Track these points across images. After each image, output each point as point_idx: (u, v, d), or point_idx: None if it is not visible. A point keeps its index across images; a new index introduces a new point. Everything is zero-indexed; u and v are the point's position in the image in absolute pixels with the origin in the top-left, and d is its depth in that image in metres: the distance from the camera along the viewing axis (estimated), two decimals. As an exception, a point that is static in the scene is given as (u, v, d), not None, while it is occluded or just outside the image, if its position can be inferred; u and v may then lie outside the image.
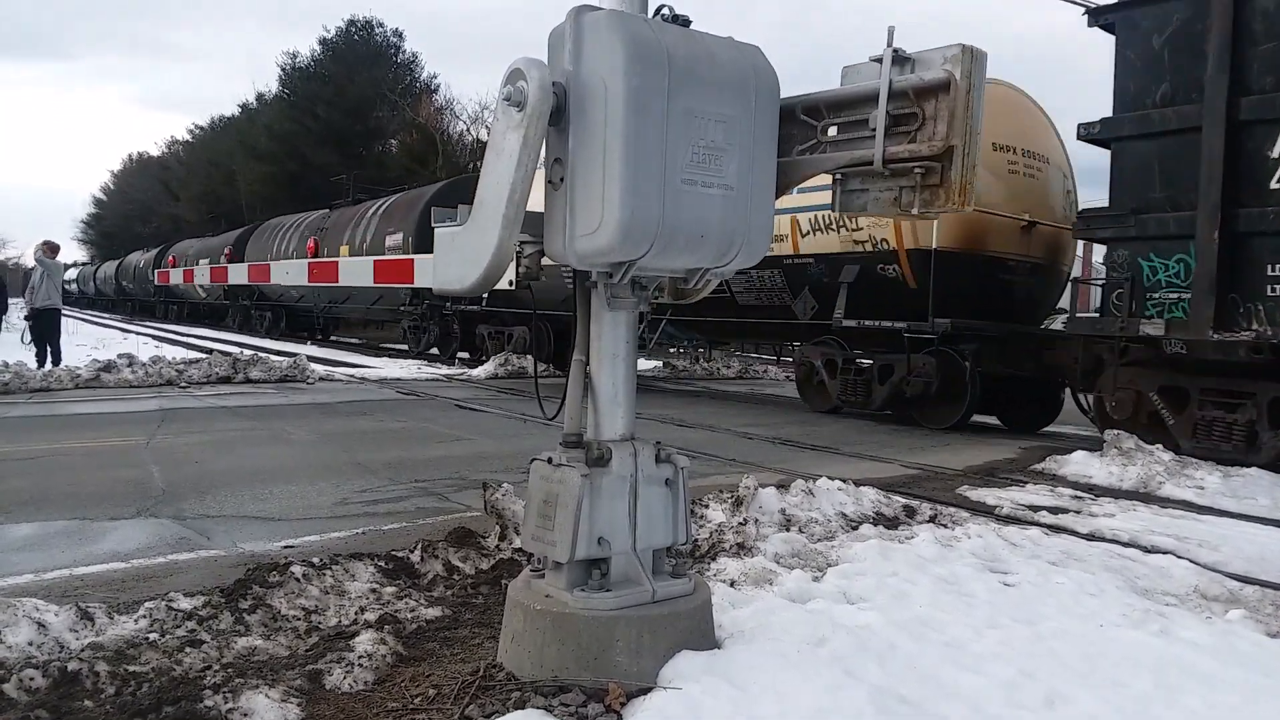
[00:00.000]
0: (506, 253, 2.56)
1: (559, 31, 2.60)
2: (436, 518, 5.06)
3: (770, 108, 2.79)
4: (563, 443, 2.88)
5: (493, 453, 7.42)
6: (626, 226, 2.49)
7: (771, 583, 3.81)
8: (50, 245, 13.91)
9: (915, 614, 3.42)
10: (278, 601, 3.40)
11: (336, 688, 2.76)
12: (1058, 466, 7.10)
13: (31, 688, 2.67)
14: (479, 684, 2.74)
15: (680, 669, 2.68)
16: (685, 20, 2.70)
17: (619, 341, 2.84)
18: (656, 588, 2.83)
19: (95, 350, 16.94)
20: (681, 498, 2.93)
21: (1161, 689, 2.86)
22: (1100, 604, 3.70)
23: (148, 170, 73.08)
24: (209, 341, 22.65)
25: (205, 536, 4.62)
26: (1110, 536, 4.94)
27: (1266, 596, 4.01)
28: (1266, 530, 5.26)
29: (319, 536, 4.65)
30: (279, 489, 5.78)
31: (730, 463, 7.15)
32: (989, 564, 4.22)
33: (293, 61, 45.01)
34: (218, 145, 53.73)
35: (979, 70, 2.67)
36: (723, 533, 4.53)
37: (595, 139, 2.50)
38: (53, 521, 4.83)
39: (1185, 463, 6.87)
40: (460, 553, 4.09)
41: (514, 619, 2.85)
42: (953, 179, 2.69)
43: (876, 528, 4.91)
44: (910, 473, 7.02)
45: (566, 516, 2.72)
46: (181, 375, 12.41)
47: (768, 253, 2.93)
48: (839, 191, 3.05)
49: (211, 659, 2.96)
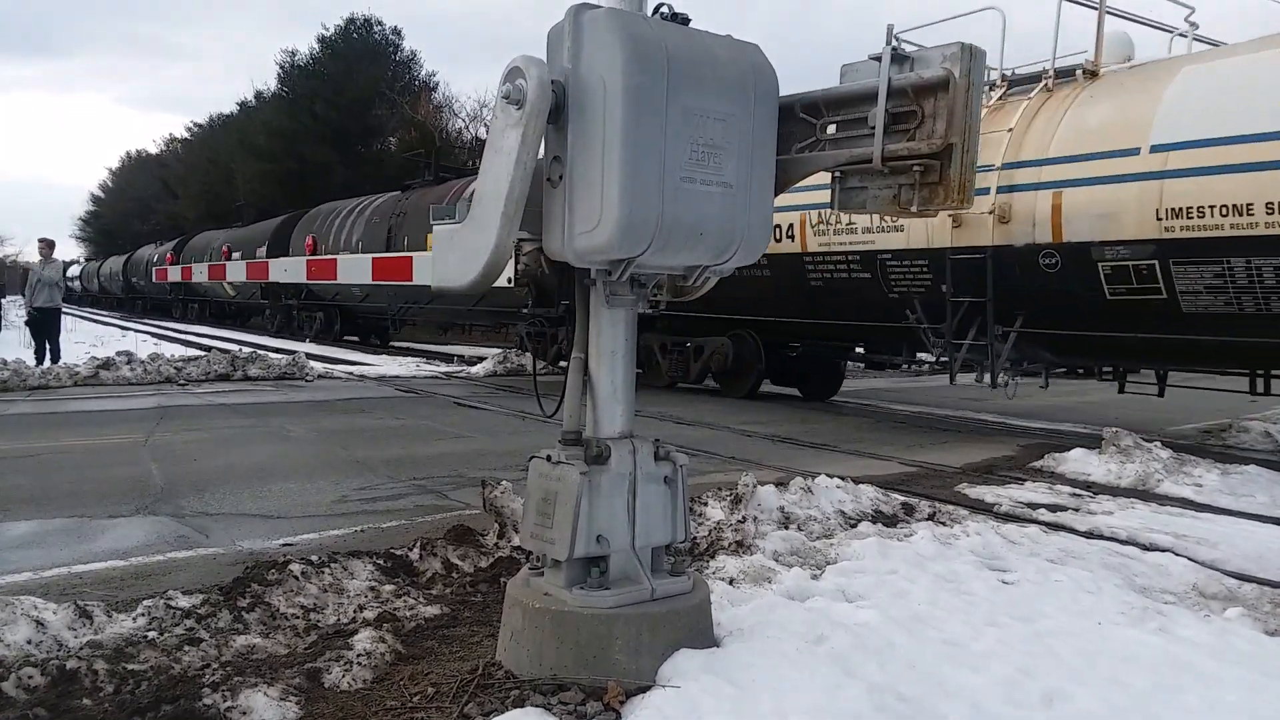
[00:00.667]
0: (505, 250, 2.56)
1: (558, 29, 2.59)
2: (435, 515, 5.06)
3: (769, 106, 2.79)
4: (562, 440, 2.88)
5: (491, 450, 7.42)
6: (625, 224, 2.49)
7: (770, 581, 3.81)
8: (47, 243, 13.90)
9: (914, 612, 3.42)
10: (276, 600, 3.40)
11: (335, 686, 2.76)
12: (1056, 464, 7.10)
13: (30, 686, 2.67)
14: (478, 682, 2.74)
15: (679, 667, 2.69)
16: (684, 18, 2.70)
17: (618, 339, 2.85)
18: (655, 586, 2.83)
19: (94, 348, 16.95)
20: (680, 495, 2.93)
21: (1160, 687, 2.86)
22: (1099, 602, 3.70)
23: (146, 168, 72.98)
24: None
25: (204, 534, 4.62)
26: (1109, 534, 4.94)
27: (1265, 594, 4.01)
28: (1265, 528, 5.26)
29: (318, 534, 4.65)
30: (278, 487, 5.77)
31: (729, 460, 7.15)
32: (988, 562, 4.22)
33: (291, 59, 44.93)
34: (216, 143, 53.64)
35: (978, 68, 2.67)
36: (721, 530, 4.53)
37: (594, 137, 2.50)
38: (51, 519, 4.83)
39: (1184, 460, 6.87)
40: (459, 551, 4.09)
41: (513, 617, 2.85)
42: (951, 176, 2.69)
43: (875, 525, 4.92)
44: (909, 470, 7.02)
45: (565, 514, 2.72)
46: (180, 373, 12.41)
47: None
48: (838, 189, 3.05)
49: (210, 657, 2.96)
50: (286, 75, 45.27)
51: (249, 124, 48.22)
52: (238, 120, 52.07)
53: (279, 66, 45.50)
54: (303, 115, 42.27)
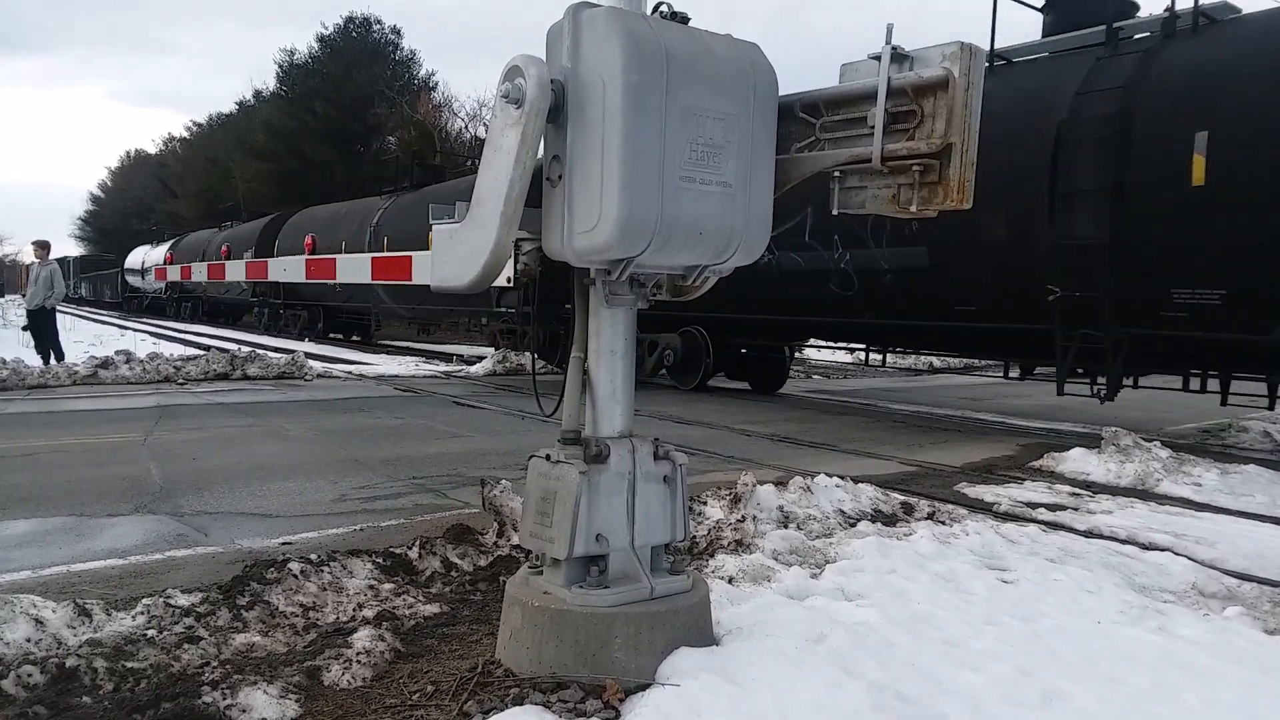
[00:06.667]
0: (505, 249, 2.56)
1: (557, 28, 2.59)
2: (434, 514, 5.06)
3: (769, 105, 2.79)
4: (561, 440, 2.88)
5: (491, 449, 7.42)
6: (625, 224, 2.49)
7: (770, 579, 3.81)
8: (42, 244, 13.89)
9: (913, 611, 3.42)
10: (276, 598, 3.40)
11: (335, 684, 2.77)
12: (1055, 463, 7.10)
13: (29, 684, 2.67)
14: (477, 680, 2.74)
15: (678, 665, 2.69)
16: (684, 17, 2.70)
17: (617, 338, 2.85)
18: (655, 584, 2.83)
19: (93, 347, 16.93)
20: (680, 495, 2.93)
21: (1159, 686, 2.86)
22: (1098, 601, 3.71)
23: (145, 167, 73.04)
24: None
25: (203, 533, 4.62)
26: (1108, 533, 4.95)
27: (1264, 593, 4.01)
28: (1264, 527, 5.26)
29: (317, 533, 4.65)
30: (277, 486, 5.77)
31: (728, 460, 7.15)
32: (987, 561, 4.22)
33: (290, 58, 44.94)
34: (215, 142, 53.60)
35: (977, 68, 2.67)
36: (721, 529, 4.53)
37: (593, 136, 2.50)
38: (50, 518, 4.83)
39: (1183, 459, 6.88)
40: (458, 549, 4.09)
41: (512, 615, 2.86)
42: (951, 176, 2.69)
43: (875, 525, 4.92)
44: (908, 470, 7.02)
45: (565, 513, 2.72)
46: (179, 372, 12.40)
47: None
48: (837, 189, 3.04)
49: (209, 655, 2.96)
50: (285, 74, 45.29)
51: (248, 123, 48.24)
52: (237, 119, 52.07)
53: (278, 65, 45.56)
54: (302, 114, 42.28)
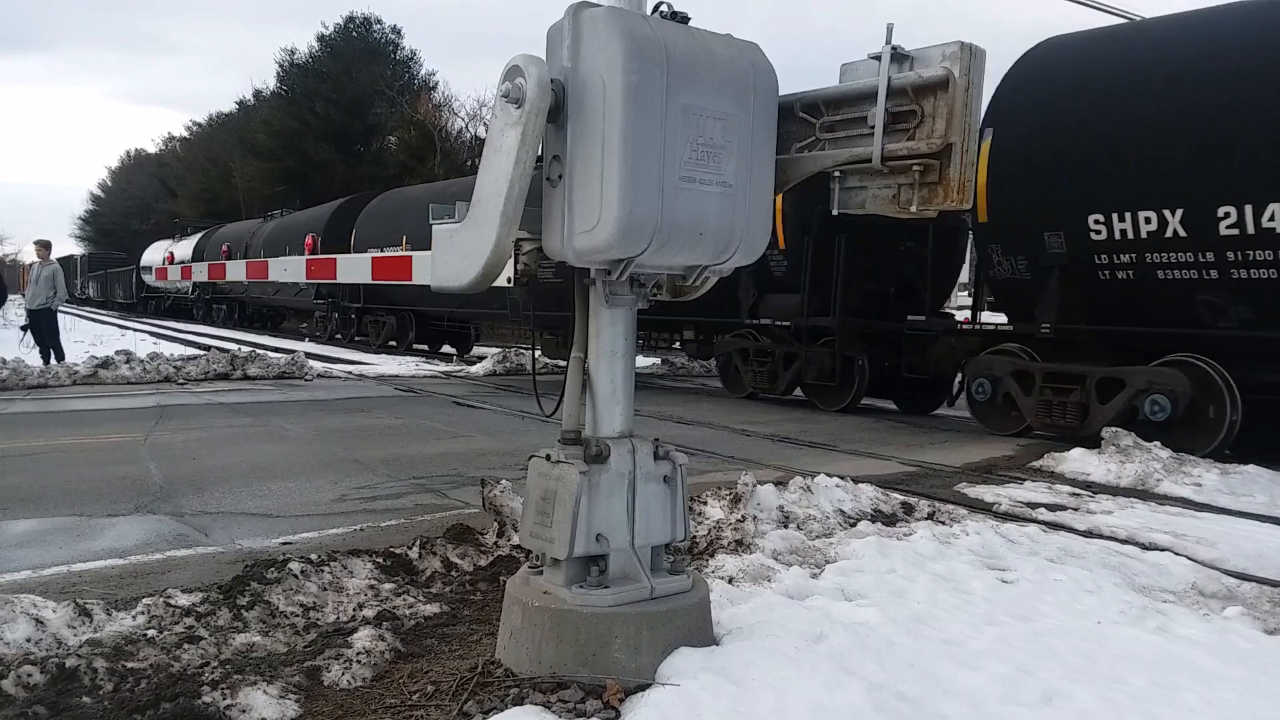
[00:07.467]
0: (504, 250, 2.56)
1: (557, 28, 2.59)
2: (434, 514, 5.06)
3: (769, 105, 2.79)
4: (561, 440, 2.88)
5: (491, 449, 7.42)
6: (625, 224, 2.48)
7: (770, 579, 3.81)
8: (43, 244, 13.89)
9: (913, 611, 3.42)
10: (276, 598, 3.40)
11: (335, 684, 2.77)
12: (1055, 464, 7.11)
13: (29, 684, 2.67)
14: (477, 680, 2.74)
15: (678, 665, 2.69)
16: (684, 17, 2.70)
17: (617, 338, 2.84)
18: (655, 584, 2.83)
19: (93, 347, 16.92)
20: (680, 495, 2.93)
21: (1159, 686, 2.86)
22: (1098, 601, 3.71)
23: (145, 167, 73.07)
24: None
25: (203, 533, 4.62)
26: (1108, 534, 4.95)
27: (1264, 593, 4.02)
28: (1264, 527, 5.27)
29: (317, 533, 4.66)
30: (277, 486, 5.77)
31: (729, 460, 7.15)
32: (987, 561, 4.22)
33: (291, 58, 44.99)
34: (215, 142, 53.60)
35: (978, 68, 2.67)
36: (721, 530, 4.53)
37: (594, 136, 2.50)
38: (51, 518, 4.83)
39: (1183, 460, 6.88)
40: (458, 549, 4.09)
41: (512, 615, 2.86)
42: (951, 176, 2.69)
43: (875, 525, 4.92)
44: (908, 470, 7.02)
45: (565, 513, 2.72)
46: (179, 372, 12.40)
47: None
48: (837, 189, 3.04)
49: (210, 655, 2.96)
50: (286, 74, 45.34)
51: (248, 123, 48.26)
52: (237, 119, 52.08)
53: (278, 65, 45.64)
54: (302, 114, 42.32)
